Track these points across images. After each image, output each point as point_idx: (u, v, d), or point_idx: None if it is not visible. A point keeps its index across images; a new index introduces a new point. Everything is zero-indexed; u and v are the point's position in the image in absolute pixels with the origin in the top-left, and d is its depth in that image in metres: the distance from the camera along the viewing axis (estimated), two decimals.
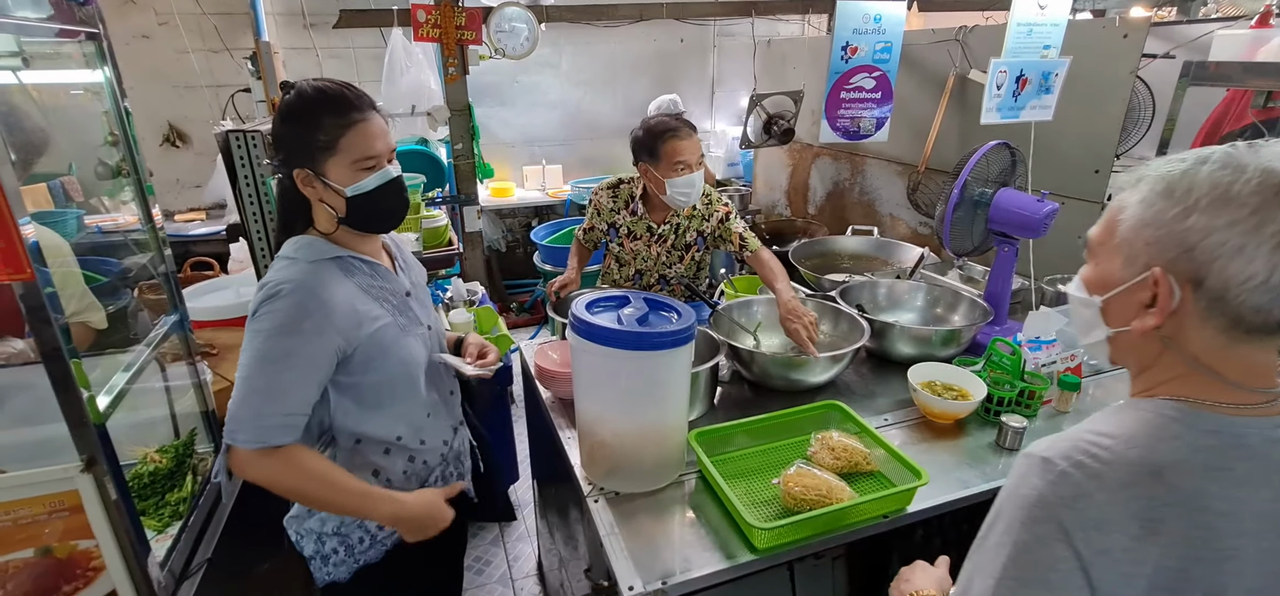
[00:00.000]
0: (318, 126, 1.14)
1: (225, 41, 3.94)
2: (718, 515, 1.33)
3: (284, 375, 1.10)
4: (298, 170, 1.16)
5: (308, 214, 1.23)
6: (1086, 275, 0.82)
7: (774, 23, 5.03)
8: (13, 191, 0.88)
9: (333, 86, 1.16)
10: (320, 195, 1.18)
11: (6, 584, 1.13)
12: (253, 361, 1.09)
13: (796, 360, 1.69)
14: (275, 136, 1.19)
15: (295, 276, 1.13)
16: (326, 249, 1.20)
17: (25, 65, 1.02)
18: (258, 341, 1.10)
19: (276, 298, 1.10)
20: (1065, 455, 0.72)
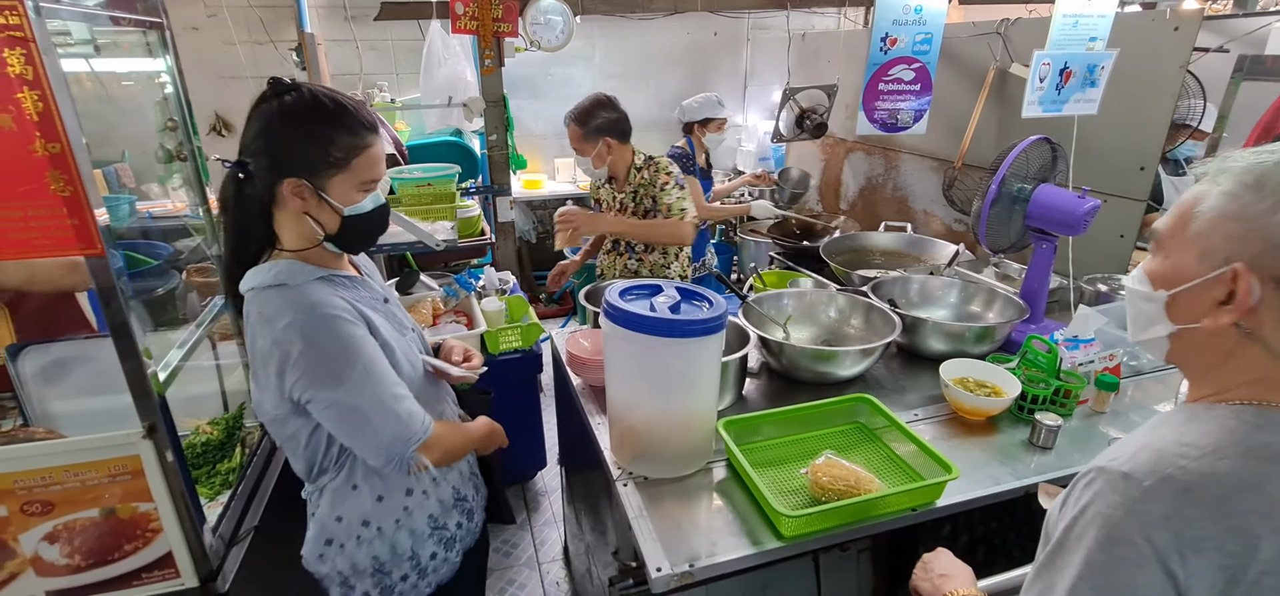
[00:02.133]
0: (330, 140, 1.06)
1: (269, 34, 4.06)
2: (745, 502, 1.34)
3: (387, 378, 1.11)
4: (289, 179, 1.05)
5: (269, 229, 1.12)
6: (1152, 268, 0.78)
7: (809, 16, 4.98)
8: (87, 175, 0.94)
9: (349, 100, 1.09)
10: (309, 210, 1.08)
11: (74, 540, 1.20)
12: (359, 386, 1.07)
13: (826, 352, 1.69)
14: (265, 137, 1.05)
15: (298, 301, 1.06)
16: (309, 270, 1.11)
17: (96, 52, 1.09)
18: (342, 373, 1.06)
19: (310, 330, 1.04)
20: (1151, 470, 0.67)
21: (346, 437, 1.13)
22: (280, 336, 1.04)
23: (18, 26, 0.82)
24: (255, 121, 1.07)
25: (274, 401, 1.09)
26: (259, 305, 1.07)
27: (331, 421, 1.11)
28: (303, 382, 1.05)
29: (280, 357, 1.04)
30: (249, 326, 1.09)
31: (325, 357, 1.05)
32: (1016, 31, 2.65)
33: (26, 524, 1.17)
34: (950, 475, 1.28)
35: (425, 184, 2.80)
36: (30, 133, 0.88)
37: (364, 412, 1.09)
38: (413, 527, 1.27)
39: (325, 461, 1.20)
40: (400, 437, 1.13)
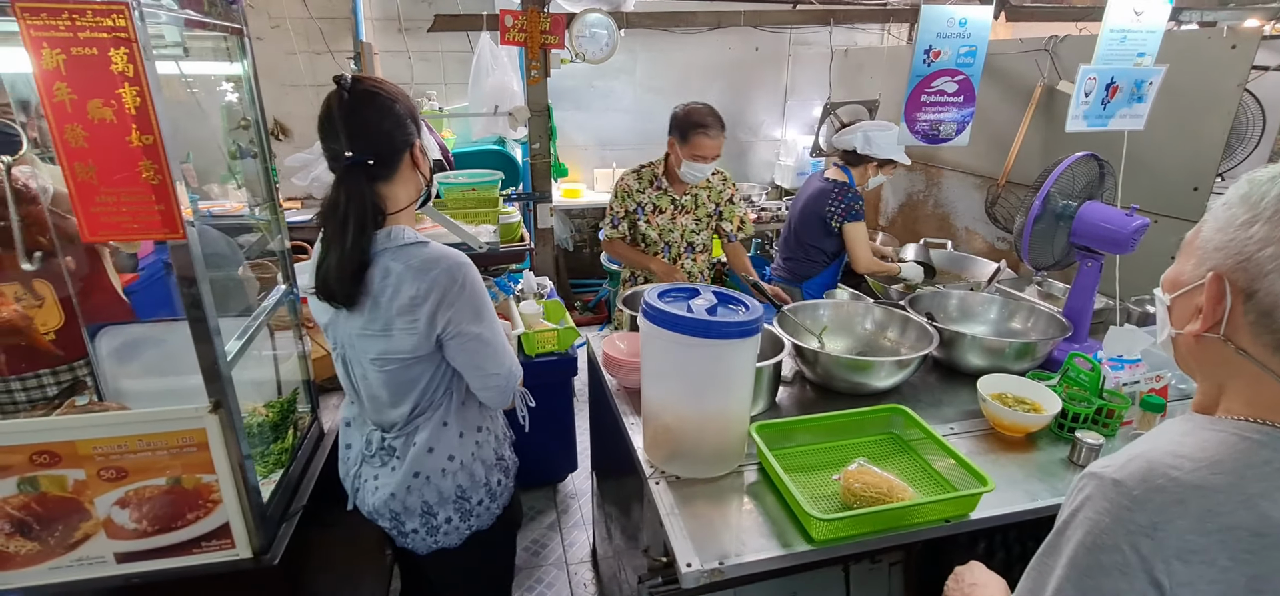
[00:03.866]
0: (412, 112, 1.28)
1: (328, 44, 4.26)
2: (776, 505, 1.35)
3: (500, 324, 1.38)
4: (417, 142, 1.28)
5: (379, 205, 1.27)
6: (1166, 274, 0.81)
7: (851, 32, 4.98)
8: (174, 166, 1.02)
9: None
10: (421, 165, 1.31)
11: (142, 506, 1.29)
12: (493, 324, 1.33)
13: (862, 362, 1.70)
14: (392, 118, 1.24)
15: (441, 250, 1.26)
16: (416, 232, 1.31)
17: (185, 55, 1.18)
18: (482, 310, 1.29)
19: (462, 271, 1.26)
20: (1141, 477, 0.67)
21: (475, 368, 1.33)
22: (438, 278, 1.23)
23: (123, 28, 0.91)
24: (371, 113, 1.23)
25: (417, 341, 1.26)
26: (406, 259, 1.24)
27: (468, 352, 1.30)
28: (456, 317, 1.25)
29: (438, 296, 1.23)
30: (390, 280, 1.23)
31: (473, 296, 1.27)
32: (1065, 49, 2.61)
33: (101, 489, 1.25)
34: (986, 487, 1.27)
35: (469, 189, 2.90)
36: (128, 124, 0.97)
37: (495, 347, 1.33)
38: (484, 458, 1.47)
39: (427, 401, 1.37)
40: (513, 372, 1.39)
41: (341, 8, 4.16)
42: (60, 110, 0.94)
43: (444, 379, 1.38)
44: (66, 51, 0.91)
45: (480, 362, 1.33)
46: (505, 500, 1.55)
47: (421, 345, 1.27)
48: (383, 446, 1.42)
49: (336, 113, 1.21)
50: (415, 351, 1.28)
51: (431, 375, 1.35)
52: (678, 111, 2.37)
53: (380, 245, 1.25)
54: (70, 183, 0.99)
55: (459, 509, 1.45)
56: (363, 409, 1.45)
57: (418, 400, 1.36)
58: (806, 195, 2.76)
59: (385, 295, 1.23)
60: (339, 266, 1.23)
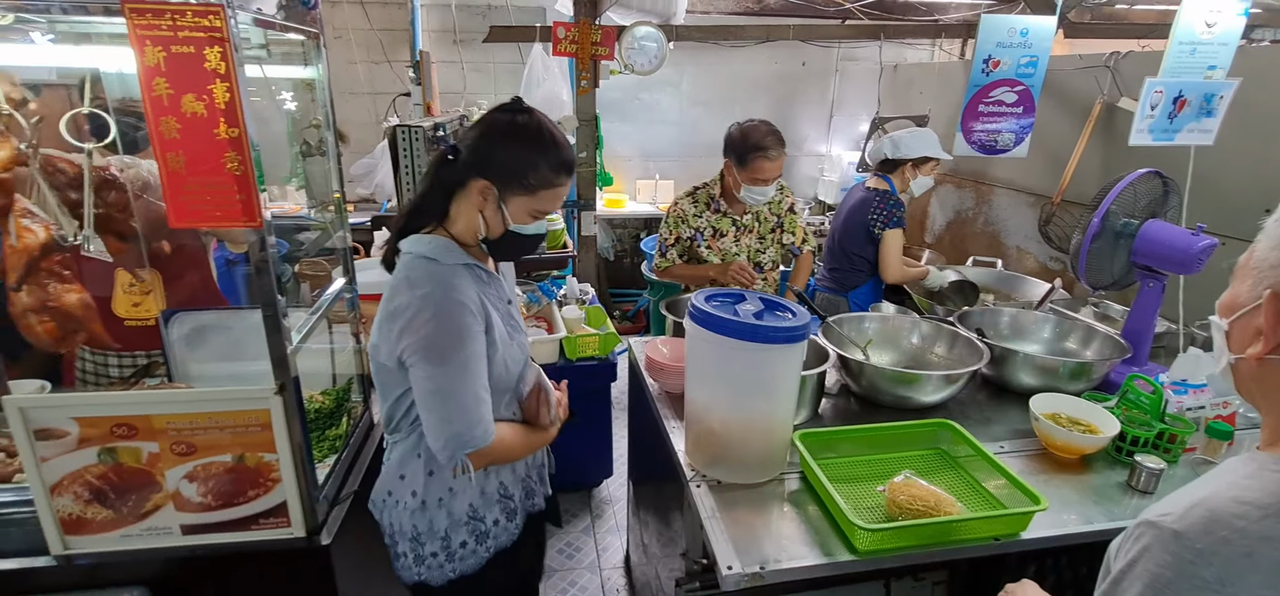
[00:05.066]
0: (532, 165, 1.18)
1: (387, 54, 4.43)
2: (818, 514, 1.35)
3: (477, 380, 1.19)
4: (481, 180, 1.19)
5: (445, 209, 1.26)
6: (1222, 298, 0.77)
7: (902, 47, 4.92)
8: (256, 159, 1.09)
9: (564, 138, 1.22)
10: (485, 211, 1.22)
11: (208, 481, 1.36)
12: (453, 375, 1.16)
13: (908, 375, 1.67)
14: (484, 137, 1.20)
15: (442, 279, 1.18)
16: (458, 254, 1.24)
17: (268, 57, 1.26)
18: (447, 356, 1.15)
19: (440, 307, 1.15)
20: (1204, 528, 0.63)
21: (422, 411, 1.21)
22: (413, 300, 1.16)
23: (218, 28, 0.98)
24: (483, 125, 1.22)
25: (386, 351, 1.21)
26: (408, 268, 1.21)
27: (417, 391, 1.20)
28: (412, 347, 1.16)
29: (408, 317, 1.16)
30: (393, 280, 1.22)
31: (440, 334, 1.15)
32: (1127, 65, 2.54)
33: (173, 462, 1.33)
34: (1038, 506, 1.24)
35: None
36: (217, 118, 1.04)
37: (445, 398, 1.17)
38: (451, 510, 1.33)
39: (402, 421, 1.31)
40: (460, 436, 1.19)
41: (401, 20, 4.33)
42: (158, 104, 1.02)
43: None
44: (166, 49, 0.99)
45: (425, 407, 1.20)
46: (468, 567, 1.37)
47: (390, 356, 1.21)
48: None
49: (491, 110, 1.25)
50: (387, 361, 1.23)
51: (404, 393, 1.27)
52: (733, 132, 2.26)
53: (408, 244, 1.24)
54: (162, 171, 1.06)
55: (413, 549, 1.35)
56: None
57: (391, 414, 1.32)
58: (850, 205, 2.73)
59: (388, 292, 1.22)
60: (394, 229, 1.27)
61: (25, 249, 1.43)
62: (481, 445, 1.21)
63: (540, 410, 1.39)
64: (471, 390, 1.19)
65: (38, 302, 1.49)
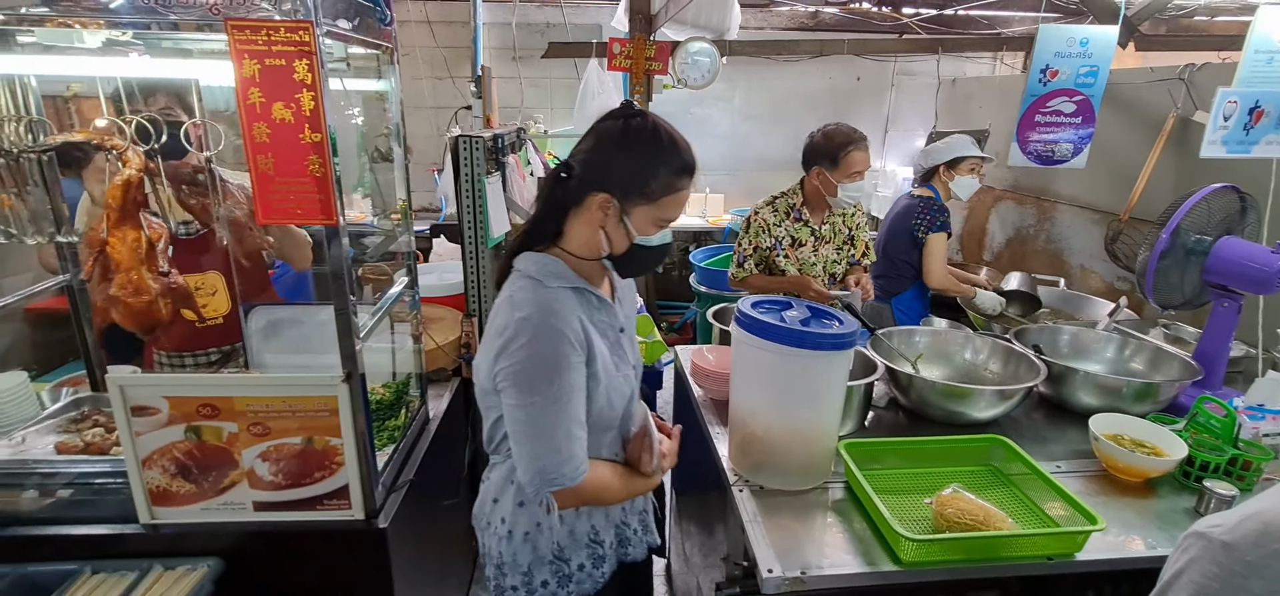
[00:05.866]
0: (653, 172, 1.10)
1: (449, 70, 4.63)
2: (862, 524, 1.34)
3: (571, 414, 1.10)
4: (601, 193, 1.10)
5: (560, 227, 1.18)
6: None
7: (961, 61, 4.82)
8: (334, 162, 1.18)
9: (682, 139, 1.13)
10: (605, 226, 1.13)
11: (280, 461, 1.45)
12: (544, 406, 1.08)
13: (960, 389, 1.64)
14: (597, 149, 1.12)
15: (544, 303, 1.10)
16: (570, 276, 1.16)
17: (347, 69, 1.36)
18: (538, 385, 1.08)
19: (537, 334, 1.07)
20: (1256, 541, 0.62)
21: (512, 440, 1.15)
22: (512, 323, 1.09)
23: (307, 43, 1.07)
24: (594, 134, 1.14)
25: (485, 372, 1.16)
26: (513, 287, 1.15)
27: (507, 419, 1.13)
28: (505, 372, 1.10)
29: (504, 341, 1.09)
30: (501, 299, 1.16)
31: (534, 362, 1.08)
32: (1202, 78, 2.42)
33: (249, 442, 1.43)
34: (1096, 526, 1.20)
35: None
36: (302, 124, 1.13)
37: (535, 429, 1.10)
38: (536, 546, 1.25)
39: (501, 444, 1.24)
40: (547, 472, 1.11)
41: (464, 38, 4.52)
42: (251, 111, 1.12)
43: None
44: (261, 62, 1.09)
45: (515, 437, 1.13)
46: None
47: (487, 378, 1.15)
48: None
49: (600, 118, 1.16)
50: (485, 382, 1.17)
51: (501, 418, 1.19)
52: (816, 138, 2.29)
53: (521, 263, 1.17)
54: (252, 172, 1.17)
55: (495, 578, 1.30)
56: None
57: (492, 433, 1.25)
58: (895, 212, 2.75)
59: (493, 309, 1.17)
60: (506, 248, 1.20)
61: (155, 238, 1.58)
62: (570, 483, 1.13)
63: (643, 456, 1.28)
64: (564, 424, 1.10)
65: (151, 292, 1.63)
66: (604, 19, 4.51)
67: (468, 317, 2.36)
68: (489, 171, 2.27)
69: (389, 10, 1.43)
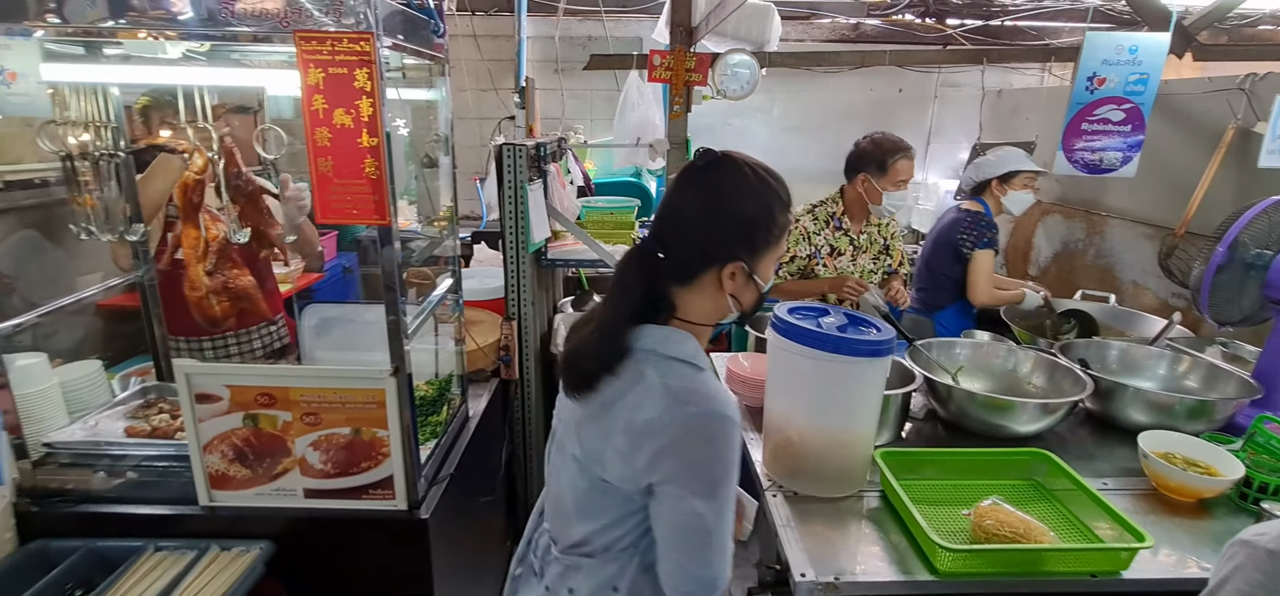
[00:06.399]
0: (770, 218, 1.01)
1: (493, 82, 4.75)
2: (898, 533, 1.33)
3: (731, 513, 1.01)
4: (728, 265, 1.00)
5: (663, 299, 1.04)
6: None
7: (1007, 72, 4.72)
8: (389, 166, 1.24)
9: (767, 167, 1.04)
10: (735, 293, 1.02)
11: (330, 450, 1.52)
12: (722, 510, 0.97)
13: (1001, 401, 1.61)
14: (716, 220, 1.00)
15: (712, 394, 0.97)
16: (703, 355, 1.05)
17: (402, 79, 1.44)
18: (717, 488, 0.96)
19: (722, 431, 0.95)
20: None
21: (672, 548, 0.99)
22: (681, 419, 0.95)
23: (368, 53, 1.14)
24: (689, 196, 1.02)
25: (620, 470, 1.00)
26: (666, 374, 0.98)
27: (671, 524, 0.98)
28: (676, 475, 0.96)
29: (667, 438, 0.95)
30: (639, 386, 0.98)
31: (715, 463, 0.96)
32: (1265, 87, 2.33)
33: (302, 430, 1.50)
34: (1143, 543, 1.17)
35: (608, 213, 3.12)
36: (361, 129, 1.20)
37: (710, 537, 0.96)
38: None
39: (605, 543, 1.07)
40: (716, 581, 0.98)
41: (507, 51, 4.64)
42: (314, 117, 1.19)
43: (636, 531, 1.06)
44: (325, 70, 1.16)
45: (686, 546, 0.98)
46: None
47: (629, 478, 1.00)
48: (546, 557, 1.18)
49: (674, 180, 1.06)
50: (619, 480, 1.02)
51: (623, 516, 1.05)
52: (865, 145, 2.30)
53: (650, 342, 1.01)
54: (313, 174, 1.24)
55: None
56: (546, 501, 1.22)
57: (597, 532, 1.07)
58: (940, 225, 2.70)
59: (624, 400, 0.99)
60: (586, 348, 1.03)
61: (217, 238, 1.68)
62: (725, 587, 1.01)
63: (738, 523, 1.19)
64: (728, 526, 0.99)
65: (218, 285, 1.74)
66: (644, 32, 4.58)
67: (507, 321, 2.42)
68: (531, 179, 2.33)
69: (442, 23, 1.50)
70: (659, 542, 1.02)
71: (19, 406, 1.50)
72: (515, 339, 2.37)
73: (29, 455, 1.54)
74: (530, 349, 2.51)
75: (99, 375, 1.87)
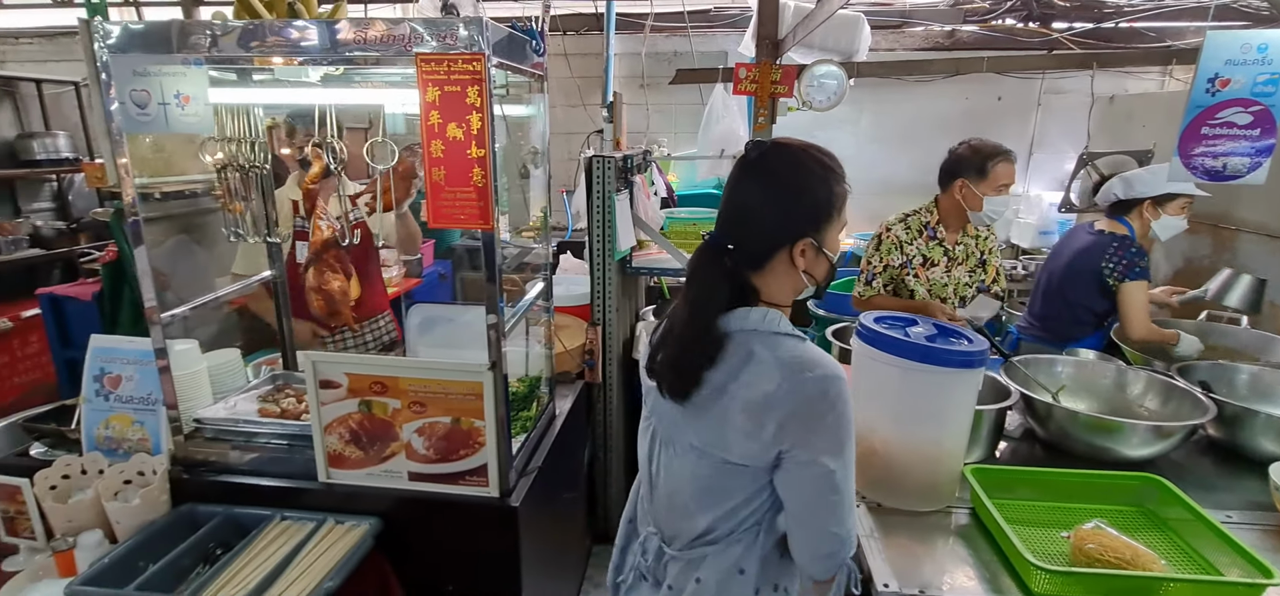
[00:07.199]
0: (828, 191, 1.04)
1: (582, 98, 4.93)
2: (989, 552, 1.29)
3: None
4: (799, 242, 1.04)
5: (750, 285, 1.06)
6: None
7: (1120, 77, 4.40)
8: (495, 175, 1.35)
9: (815, 145, 1.07)
10: (808, 268, 1.06)
11: (432, 437, 1.65)
12: (849, 469, 1.02)
13: (1109, 422, 1.52)
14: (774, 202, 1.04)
15: (820, 357, 1.02)
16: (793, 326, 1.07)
17: (506, 95, 1.56)
18: (845, 445, 1.00)
19: (841, 390, 0.99)
20: None
21: (810, 512, 1.02)
22: (807, 385, 0.98)
23: (479, 72, 1.25)
24: (748, 187, 1.06)
25: (754, 448, 1.01)
26: (775, 349, 1.02)
27: (810, 489, 1.01)
28: (807, 440, 0.99)
29: (793, 407, 0.98)
30: (750, 366, 1.01)
31: (840, 421, 0.99)
32: None
33: (409, 418, 1.64)
34: (1271, 580, 1.08)
35: (691, 223, 3.17)
36: (470, 141, 1.31)
37: (843, 496, 1.01)
38: None
39: (730, 526, 1.09)
40: (850, 539, 1.03)
41: (595, 68, 4.81)
42: (431, 130, 1.32)
43: (762, 508, 1.08)
44: (442, 88, 1.28)
45: (819, 508, 1.01)
46: None
47: (756, 454, 1.02)
48: (658, 561, 1.18)
49: (730, 176, 1.09)
50: (745, 459, 1.03)
51: (750, 495, 1.06)
52: (963, 150, 2.22)
53: (749, 323, 1.04)
54: (428, 182, 1.36)
55: None
56: (652, 504, 1.20)
57: (720, 518, 1.08)
58: (1075, 248, 2.45)
59: (737, 380, 1.02)
60: (683, 351, 1.05)
61: (319, 242, 1.87)
62: (854, 546, 1.06)
63: None
64: (853, 481, 1.04)
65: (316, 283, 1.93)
66: (730, 46, 4.61)
67: (592, 326, 2.52)
68: (618, 189, 2.42)
69: (543, 43, 1.61)
70: (791, 511, 1.05)
71: (176, 386, 1.73)
72: (599, 344, 2.46)
73: (181, 430, 1.76)
74: (613, 354, 2.59)
75: (237, 362, 2.11)
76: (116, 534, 1.59)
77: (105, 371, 1.78)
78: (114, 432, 1.77)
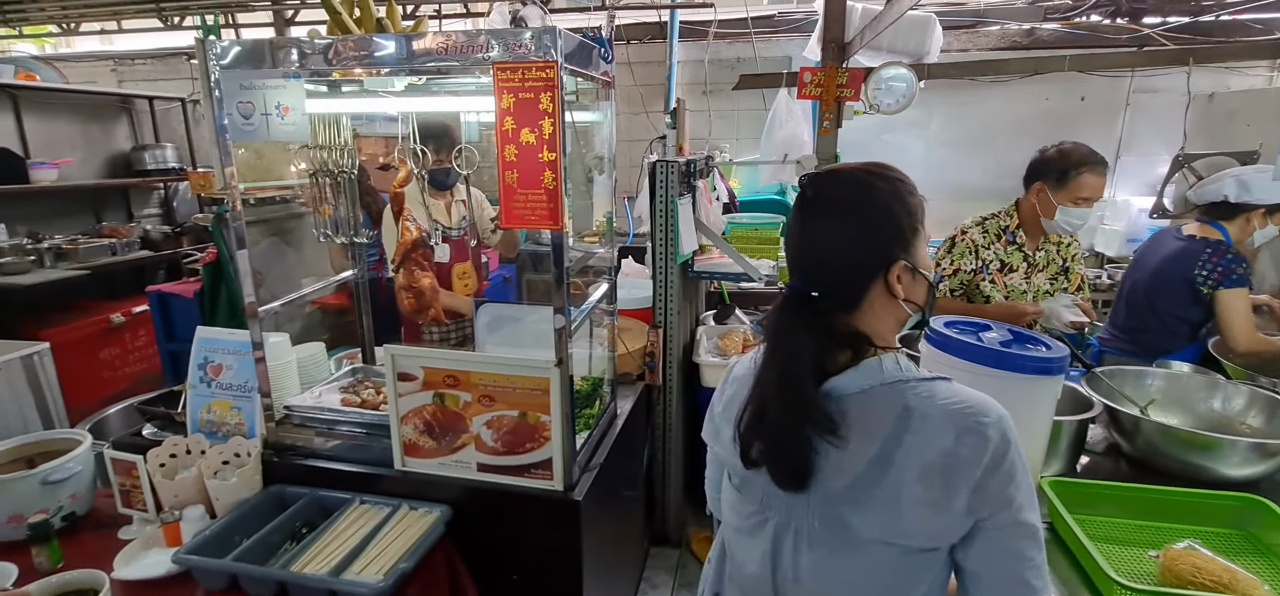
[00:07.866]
0: (905, 206, 0.92)
1: (644, 105, 4.99)
2: (1067, 569, 1.23)
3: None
4: (893, 268, 0.90)
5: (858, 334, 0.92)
6: None
7: (1220, 73, 4.09)
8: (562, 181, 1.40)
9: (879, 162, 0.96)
10: (907, 295, 0.92)
11: (500, 430, 1.71)
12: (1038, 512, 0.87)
13: (1206, 439, 1.42)
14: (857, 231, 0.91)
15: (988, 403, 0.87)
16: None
17: (575, 101, 1.61)
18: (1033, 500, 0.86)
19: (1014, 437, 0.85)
20: None
21: (1012, 584, 0.85)
22: (985, 437, 0.83)
23: (552, 79, 1.31)
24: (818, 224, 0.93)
25: (946, 523, 0.85)
26: (931, 397, 0.87)
27: (1012, 556, 0.84)
28: (1009, 498, 0.83)
29: (986, 464, 0.83)
30: (913, 421, 0.86)
31: (1026, 467, 0.85)
32: None
33: (478, 411, 1.71)
34: None
35: (753, 229, 3.16)
36: (542, 146, 1.37)
37: (1043, 555, 0.86)
38: None
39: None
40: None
41: (658, 76, 4.86)
42: (505, 135, 1.38)
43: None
44: (516, 95, 1.34)
45: (1027, 572, 0.84)
46: None
47: (947, 530, 0.86)
48: None
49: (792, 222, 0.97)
50: (936, 539, 0.87)
51: (930, 588, 0.91)
52: (1049, 153, 2.10)
53: (886, 374, 0.90)
54: (501, 185, 1.43)
55: None
56: None
57: None
58: (1163, 255, 2.30)
59: (902, 446, 0.85)
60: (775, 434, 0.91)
61: (406, 242, 1.97)
62: None
63: None
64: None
65: (406, 282, 2.04)
66: (794, 51, 4.56)
67: (653, 328, 2.55)
68: (681, 194, 2.45)
69: (611, 51, 1.66)
70: (987, 587, 0.86)
71: (269, 376, 1.86)
72: (661, 346, 2.49)
73: (274, 416, 1.90)
74: (674, 357, 2.61)
75: (322, 355, 2.26)
76: (215, 509, 1.73)
77: (209, 360, 1.94)
78: (215, 416, 1.93)
